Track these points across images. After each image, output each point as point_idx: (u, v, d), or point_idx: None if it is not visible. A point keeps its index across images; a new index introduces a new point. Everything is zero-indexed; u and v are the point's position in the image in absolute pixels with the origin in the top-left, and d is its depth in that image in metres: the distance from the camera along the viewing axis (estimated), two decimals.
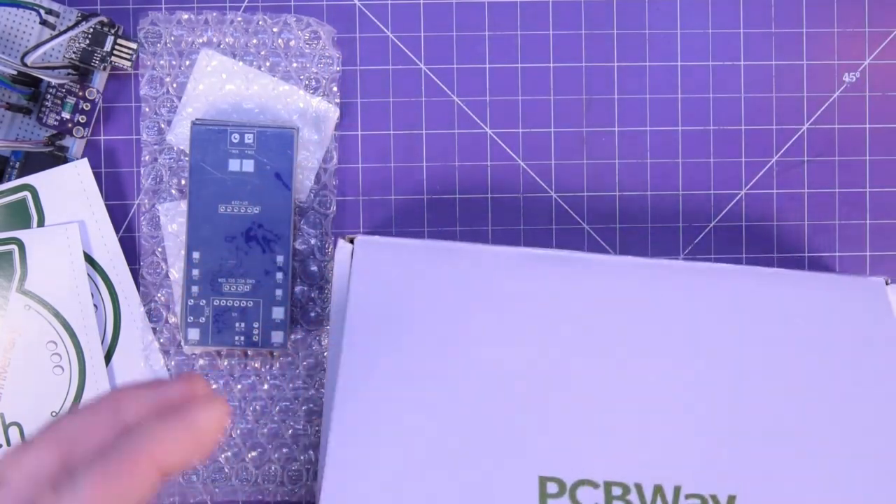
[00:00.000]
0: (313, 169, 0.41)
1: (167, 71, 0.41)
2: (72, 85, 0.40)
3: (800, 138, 0.42)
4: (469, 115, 0.42)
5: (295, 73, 0.41)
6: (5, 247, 0.39)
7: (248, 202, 0.39)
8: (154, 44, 0.41)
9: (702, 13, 0.42)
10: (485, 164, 0.42)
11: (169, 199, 0.41)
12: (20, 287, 0.39)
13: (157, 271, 0.41)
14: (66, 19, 0.40)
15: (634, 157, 0.42)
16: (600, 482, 0.30)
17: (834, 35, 0.42)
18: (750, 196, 0.42)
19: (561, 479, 0.30)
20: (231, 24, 0.41)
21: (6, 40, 0.40)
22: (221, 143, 0.39)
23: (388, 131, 0.42)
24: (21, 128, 0.41)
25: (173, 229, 0.41)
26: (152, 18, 0.40)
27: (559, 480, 0.30)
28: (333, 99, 0.41)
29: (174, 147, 0.41)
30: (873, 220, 0.42)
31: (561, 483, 0.30)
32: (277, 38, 0.41)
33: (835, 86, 0.42)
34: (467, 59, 0.42)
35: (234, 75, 0.41)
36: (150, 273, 0.41)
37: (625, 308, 0.34)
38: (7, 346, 0.39)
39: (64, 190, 0.40)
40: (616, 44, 0.42)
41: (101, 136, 0.41)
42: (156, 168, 0.41)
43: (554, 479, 0.30)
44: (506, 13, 0.41)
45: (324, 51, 0.41)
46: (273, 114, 0.41)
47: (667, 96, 0.42)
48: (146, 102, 0.41)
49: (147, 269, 0.41)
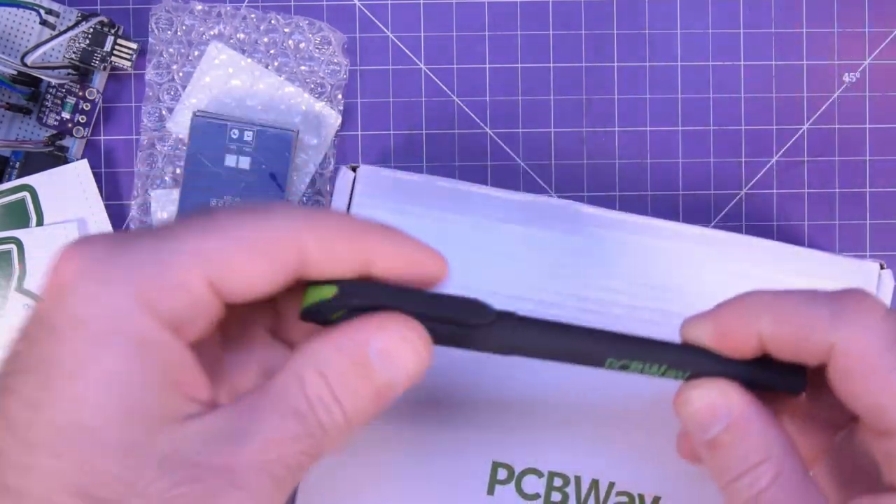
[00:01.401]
0: (309, 172, 0.41)
1: (175, 59, 0.41)
2: (72, 85, 0.40)
3: (800, 138, 0.42)
4: (469, 115, 0.42)
5: (302, 75, 0.41)
6: (4, 246, 0.39)
7: (240, 199, 0.39)
8: (165, 31, 0.41)
9: (702, 13, 0.42)
10: (485, 164, 0.42)
11: (162, 185, 0.41)
12: (19, 286, 0.39)
13: None
14: (66, 19, 0.40)
15: (634, 157, 0.42)
16: (545, 472, 0.33)
17: (834, 35, 0.42)
18: (750, 196, 0.42)
19: (511, 466, 0.33)
20: (244, 19, 0.41)
21: (6, 40, 0.40)
22: (220, 137, 0.39)
23: (388, 131, 0.42)
24: (21, 128, 0.41)
25: (163, 217, 0.41)
26: (165, 6, 0.40)
27: (509, 467, 0.33)
28: (337, 106, 0.41)
29: (173, 135, 0.41)
30: (873, 220, 0.42)
31: (510, 469, 0.33)
32: (288, 39, 0.41)
33: (835, 86, 0.42)
34: (467, 59, 0.42)
35: (241, 71, 0.41)
36: None
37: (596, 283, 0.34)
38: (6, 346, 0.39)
39: (63, 190, 0.40)
40: (616, 44, 0.42)
41: (101, 137, 0.41)
42: (153, 154, 0.41)
43: (505, 465, 0.33)
44: (506, 13, 0.41)
45: (333, 57, 0.41)
46: (275, 114, 0.41)
47: (667, 96, 0.42)
48: (150, 87, 0.41)
49: None
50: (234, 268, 0.21)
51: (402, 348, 0.23)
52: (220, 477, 0.20)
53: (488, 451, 0.33)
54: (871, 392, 0.23)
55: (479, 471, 0.33)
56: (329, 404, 0.22)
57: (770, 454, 0.24)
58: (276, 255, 0.22)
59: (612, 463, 0.33)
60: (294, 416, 0.21)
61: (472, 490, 0.33)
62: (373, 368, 0.23)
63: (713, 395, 0.25)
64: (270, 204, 0.23)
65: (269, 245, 0.22)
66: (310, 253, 0.22)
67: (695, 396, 0.25)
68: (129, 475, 0.19)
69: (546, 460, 0.33)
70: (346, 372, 0.22)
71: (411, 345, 0.23)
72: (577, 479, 0.33)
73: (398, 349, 0.23)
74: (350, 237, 0.23)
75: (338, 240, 0.23)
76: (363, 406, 0.23)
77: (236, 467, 0.20)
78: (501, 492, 0.33)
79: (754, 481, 0.24)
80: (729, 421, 0.25)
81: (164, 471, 0.20)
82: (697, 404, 0.25)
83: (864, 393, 0.24)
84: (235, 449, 0.20)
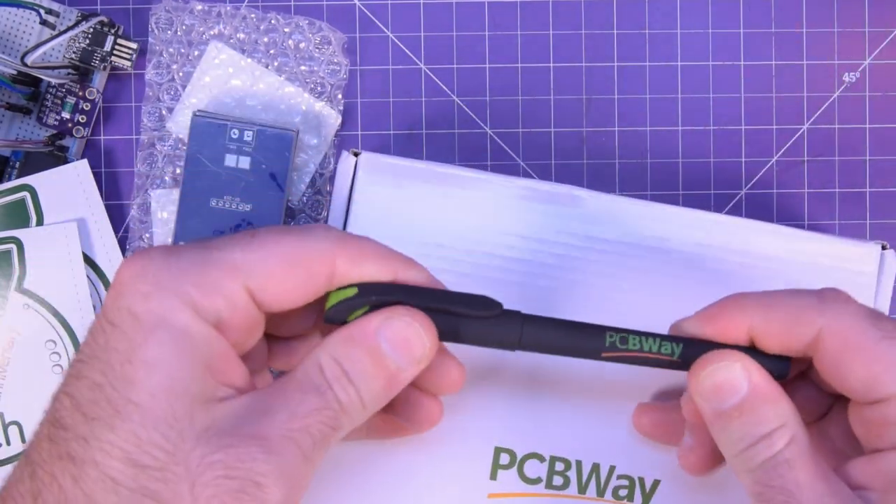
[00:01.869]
0: (309, 172, 0.41)
1: (175, 59, 0.41)
2: (72, 85, 0.40)
3: (800, 138, 0.42)
4: (469, 115, 0.42)
5: (302, 75, 0.41)
6: (4, 246, 0.39)
7: (240, 199, 0.39)
8: (165, 30, 0.41)
9: (702, 13, 0.42)
10: (485, 164, 0.42)
11: (162, 185, 0.41)
12: (19, 286, 0.39)
13: None
14: (66, 19, 0.40)
15: (634, 157, 0.42)
16: (546, 456, 0.34)
17: (834, 35, 0.42)
18: (750, 196, 0.42)
19: (513, 451, 0.34)
20: (244, 19, 0.41)
21: (6, 40, 0.40)
22: (220, 137, 0.39)
23: (388, 131, 0.42)
24: (21, 128, 0.41)
25: (163, 217, 0.41)
26: (165, 5, 0.40)
27: (511, 452, 0.34)
28: (337, 106, 0.41)
29: (173, 135, 0.41)
30: (873, 220, 0.42)
31: (512, 454, 0.34)
32: (288, 39, 0.41)
33: (835, 86, 0.42)
34: (467, 59, 0.42)
35: (241, 71, 0.41)
36: None
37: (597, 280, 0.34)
38: (6, 346, 0.39)
39: (63, 190, 0.40)
40: (616, 44, 0.42)
41: (101, 136, 0.41)
42: (153, 153, 0.41)
43: (507, 450, 0.34)
44: (506, 13, 0.41)
45: (333, 57, 0.41)
46: (275, 114, 0.41)
47: (667, 96, 0.42)
48: (150, 87, 0.41)
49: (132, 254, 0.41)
50: (272, 279, 0.25)
51: (410, 336, 0.26)
52: (252, 444, 0.23)
53: (491, 436, 0.34)
54: (862, 363, 0.26)
55: (482, 456, 0.34)
56: (345, 385, 0.25)
57: (785, 421, 0.26)
58: (311, 269, 0.26)
59: (612, 447, 0.34)
60: (314, 391, 0.24)
61: (476, 475, 0.34)
62: (383, 354, 0.25)
63: (736, 367, 0.26)
64: (309, 226, 0.27)
65: (305, 260, 0.25)
66: (340, 269, 0.26)
67: (721, 368, 0.27)
68: (171, 445, 0.22)
69: (548, 445, 0.34)
70: (358, 358, 0.25)
71: (417, 333, 0.26)
72: (578, 464, 0.34)
73: (406, 337, 0.26)
74: (376, 257, 0.27)
75: (365, 259, 0.26)
76: (375, 388, 0.25)
77: (267, 435, 0.23)
78: (504, 476, 0.34)
79: (772, 444, 0.25)
80: (748, 390, 0.26)
81: (202, 441, 0.23)
82: (723, 374, 0.26)
83: (855, 366, 0.26)
84: (265, 420, 0.23)
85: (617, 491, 0.34)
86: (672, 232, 0.34)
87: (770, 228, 0.34)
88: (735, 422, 0.26)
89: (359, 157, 0.35)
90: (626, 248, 0.34)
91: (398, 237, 0.34)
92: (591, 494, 0.34)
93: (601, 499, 0.34)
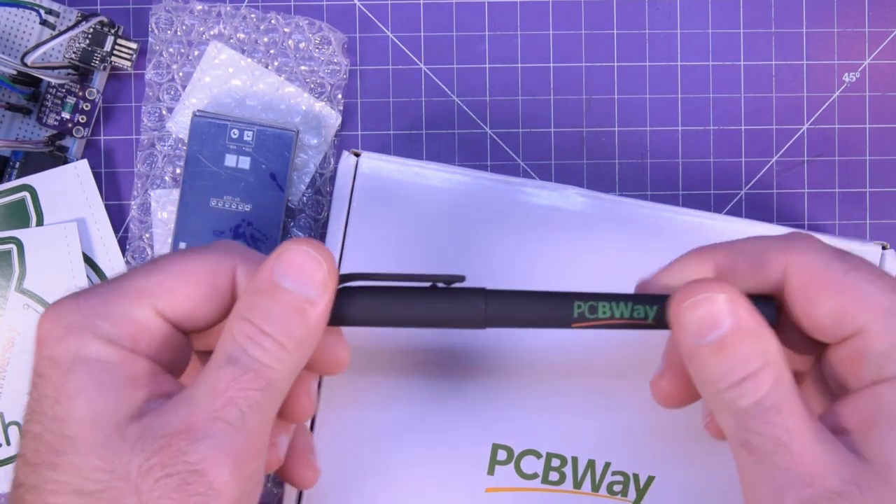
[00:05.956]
0: (309, 172, 0.41)
1: (175, 59, 0.41)
2: (72, 85, 0.40)
3: (800, 138, 0.42)
4: (469, 115, 0.42)
5: (302, 75, 0.41)
6: (4, 246, 0.39)
7: (240, 199, 0.39)
8: (165, 30, 0.41)
9: (702, 13, 0.42)
10: (485, 164, 0.42)
11: (162, 185, 0.41)
12: (19, 286, 0.39)
13: (143, 257, 0.41)
14: (66, 19, 0.40)
15: (634, 157, 0.42)
16: (543, 453, 0.35)
17: (834, 35, 0.42)
18: (750, 196, 0.42)
19: (510, 448, 0.35)
20: (244, 19, 0.41)
21: (6, 40, 0.40)
22: (220, 137, 0.39)
23: (388, 131, 0.42)
24: (21, 128, 0.41)
25: (163, 217, 0.41)
26: (165, 5, 0.40)
27: (509, 448, 0.35)
28: (337, 106, 0.41)
29: (173, 135, 0.41)
30: (873, 220, 0.42)
31: (510, 451, 0.35)
32: (288, 39, 0.41)
33: (835, 86, 0.42)
34: (467, 59, 0.42)
35: (241, 70, 0.41)
36: (135, 258, 0.41)
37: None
38: (6, 345, 0.39)
39: (63, 190, 0.40)
40: (616, 44, 0.42)
41: (101, 136, 0.41)
42: (153, 153, 0.41)
43: (505, 446, 0.34)
44: (506, 13, 0.41)
45: (333, 57, 0.41)
46: (275, 113, 0.41)
47: (667, 96, 0.42)
48: (150, 87, 0.41)
49: (132, 254, 0.41)
50: (177, 296, 0.26)
51: (303, 262, 0.25)
52: (181, 437, 0.23)
53: (488, 433, 0.35)
54: (829, 295, 0.25)
55: (480, 452, 0.35)
56: (260, 339, 0.25)
57: (771, 360, 0.24)
58: (213, 283, 0.26)
59: (607, 444, 0.35)
60: (228, 362, 0.24)
61: (473, 470, 0.35)
62: (285, 290, 0.25)
63: (720, 297, 0.24)
64: (211, 244, 0.27)
65: (206, 275, 0.26)
66: (241, 281, 0.26)
67: (702, 299, 0.24)
68: (108, 465, 0.23)
69: (544, 442, 0.35)
70: (265, 306, 0.25)
71: (310, 256, 0.25)
72: (574, 460, 0.35)
73: (299, 264, 0.25)
74: None
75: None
76: (293, 329, 0.25)
77: (192, 424, 0.24)
78: (501, 472, 0.35)
79: (757, 386, 0.24)
80: (731, 324, 0.24)
81: (136, 452, 0.23)
82: (705, 307, 0.24)
83: (824, 299, 0.25)
84: (189, 409, 0.24)
85: (611, 486, 0.35)
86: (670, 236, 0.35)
87: (770, 229, 0.34)
88: (714, 357, 0.24)
89: (359, 158, 0.35)
90: (626, 246, 0.34)
91: (398, 237, 0.35)
92: (586, 489, 0.35)
93: (596, 494, 0.35)
